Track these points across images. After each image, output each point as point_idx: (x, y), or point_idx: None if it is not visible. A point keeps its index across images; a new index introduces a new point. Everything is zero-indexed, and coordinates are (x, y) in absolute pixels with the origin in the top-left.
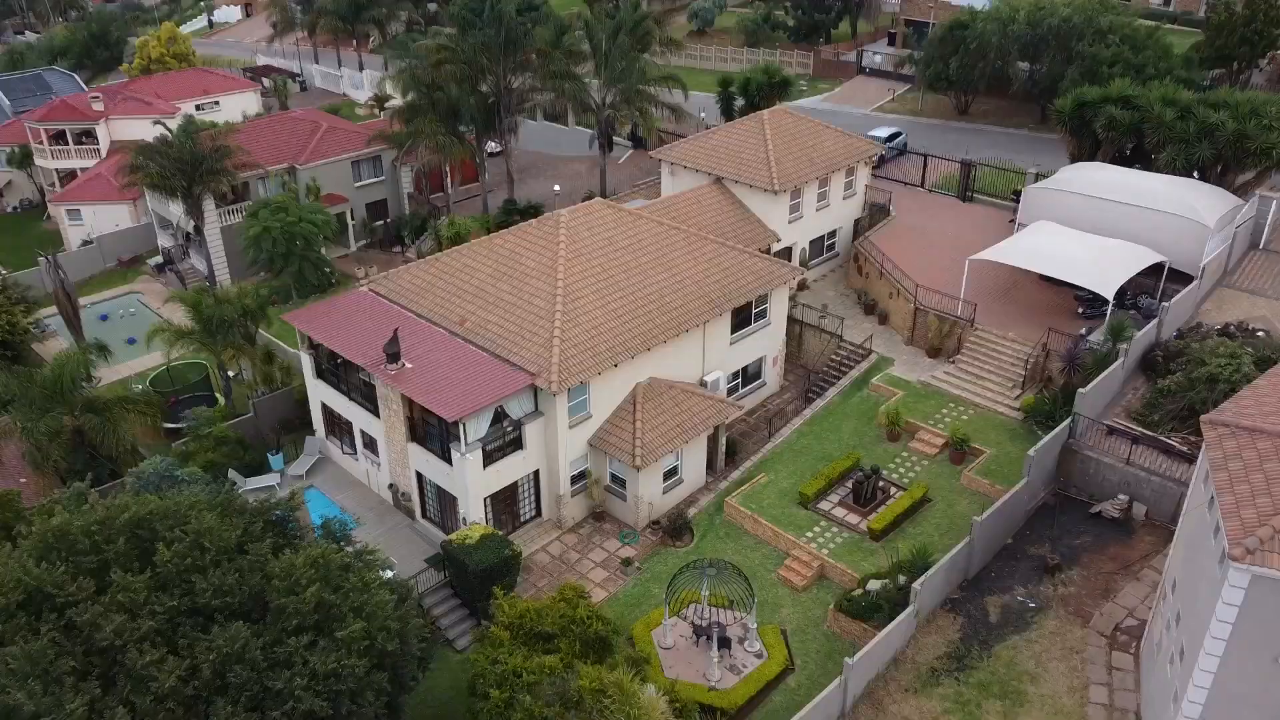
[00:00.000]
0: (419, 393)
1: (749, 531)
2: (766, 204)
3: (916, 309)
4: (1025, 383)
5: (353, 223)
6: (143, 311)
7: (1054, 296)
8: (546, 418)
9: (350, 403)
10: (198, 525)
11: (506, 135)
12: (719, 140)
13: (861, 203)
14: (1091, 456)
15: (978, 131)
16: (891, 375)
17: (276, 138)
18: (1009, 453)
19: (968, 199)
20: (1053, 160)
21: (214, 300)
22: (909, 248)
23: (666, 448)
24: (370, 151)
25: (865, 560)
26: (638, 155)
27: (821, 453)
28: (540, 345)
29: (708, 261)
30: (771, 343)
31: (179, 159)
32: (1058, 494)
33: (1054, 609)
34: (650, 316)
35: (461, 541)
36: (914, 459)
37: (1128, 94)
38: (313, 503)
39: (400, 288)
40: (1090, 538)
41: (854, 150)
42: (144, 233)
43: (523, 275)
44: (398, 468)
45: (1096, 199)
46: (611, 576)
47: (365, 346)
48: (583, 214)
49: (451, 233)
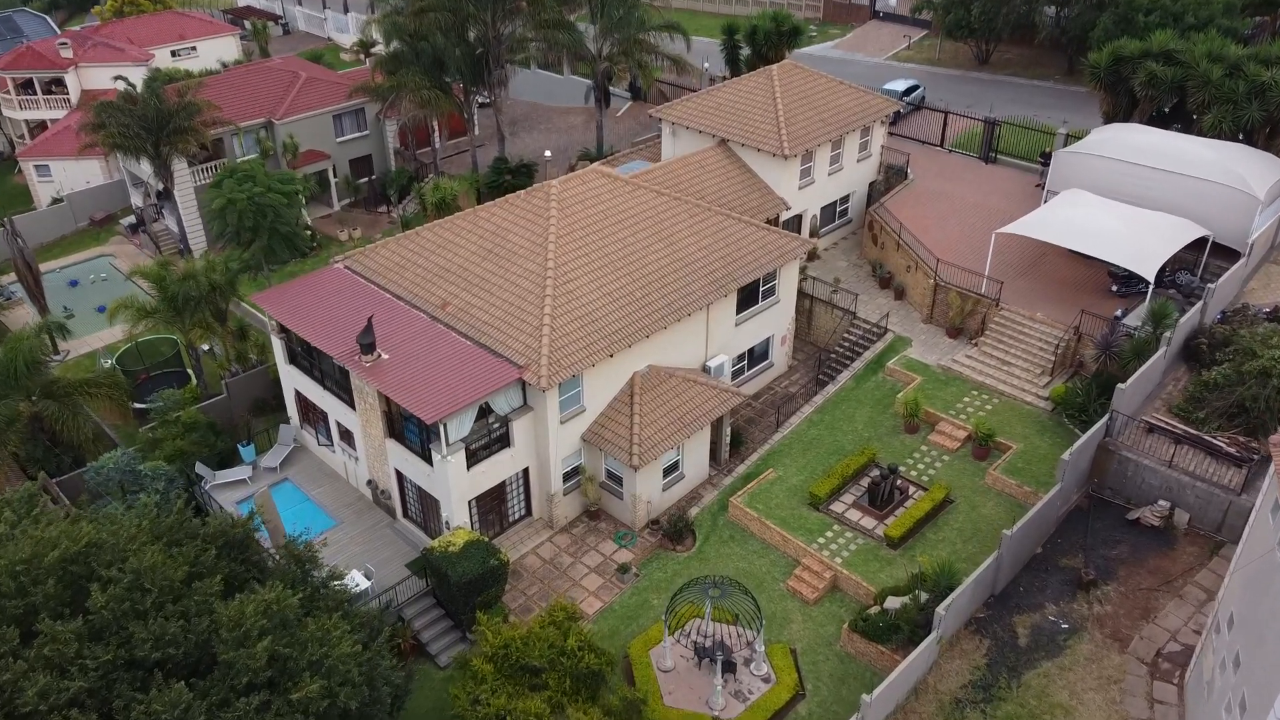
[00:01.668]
0: (395, 389)
1: (755, 535)
2: (775, 169)
3: (937, 285)
4: (1054, 369)
5: (335, 180)
6: (115, 276)
7: (1085, 271)
8: (536, 413)
9: (325, 392)
10: (138, 563)
11: (495, 89)
12: (724, 98)
13: (877, 165)
14: (1130, 458)
15: (999, 83)
16: (909, 358)
17: (252, 90)
18: (1037, 448)
19: (990, 160)
20: (1082, 116)
21: (179, 277)
22: (928, 215)
23: (666, 444)
24: (353, 104)
25: (882, 571)
26: (637, 107)
27: (834, 445)
28: (529, 334)
29: (712, 235)
30: (780, 321)
31: (143, 117)
32: (1091, 496)
33: (1089, 630)
34: (649, 300)
35: (444, 549)
36: (934, 453)
37: (1170, 48)
38: (286, 497)
39: (377, 265)
40: (1127, 548)
41: (870, 108)
42: (117, 189)
43: (510, 253)
44: (376, 464)
45: (1134, 165)
46: (607, 584)
47: (338, 333)
48: (575, 184)
49: (436, 197)
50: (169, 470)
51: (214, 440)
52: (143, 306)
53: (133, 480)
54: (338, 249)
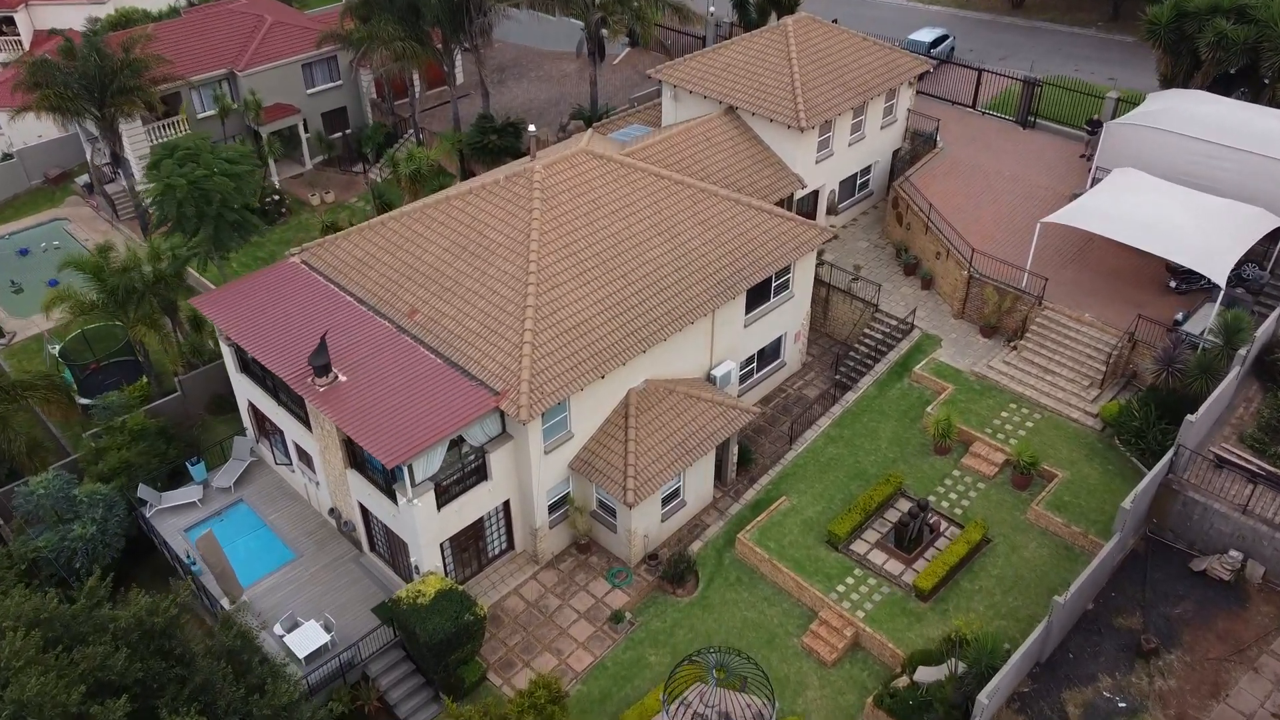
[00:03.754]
0: (353, 422)
1: (766, 577)
2: (790, 141)
3: (971, 277)
4: (1105, 380)
5: (306, 136)
6: (69, 244)
7: (1138, 262)
8: (516, 441)
9: (280, 408)
10: (19, 693)
11: (477, 38)
12: (732, 58)
13: (903, 131)
14: (1197, 500)
15: (1036, 30)
16: (939, 362)
17: (211, 37)
18: (1086, 478)
19: (1029, 124)
20: (1130, 72)
21: (118, 268)
22: (959, 192)
23: (665, 475)
24: (324, 52)
25: (911, 629)
26: (635, 54)
27: (855, 467)
28: (507, 353)
29: (718, 226)
30: (795, 317)
31: (84, 75)
32: (1149, 539)
33: (1150, 711)
34: (646, 307)
35: (412, 601)
36: (968, 479)
37: (1244, 2)
38: (241, 522)
39: (337, 260)
40: (1192, 605)
41: (896, 68)
42: (71, 144)
43: (487, 251)
44: (338, 493)
45: (1199, 141)
46: (598, 634)
47: (291, 345)
48: (562, 169)
49: (411, 168)
50: (108, 494)
51: (165, 449)
52: (80, 300)
53: (67, 507)
54: (309, 214)
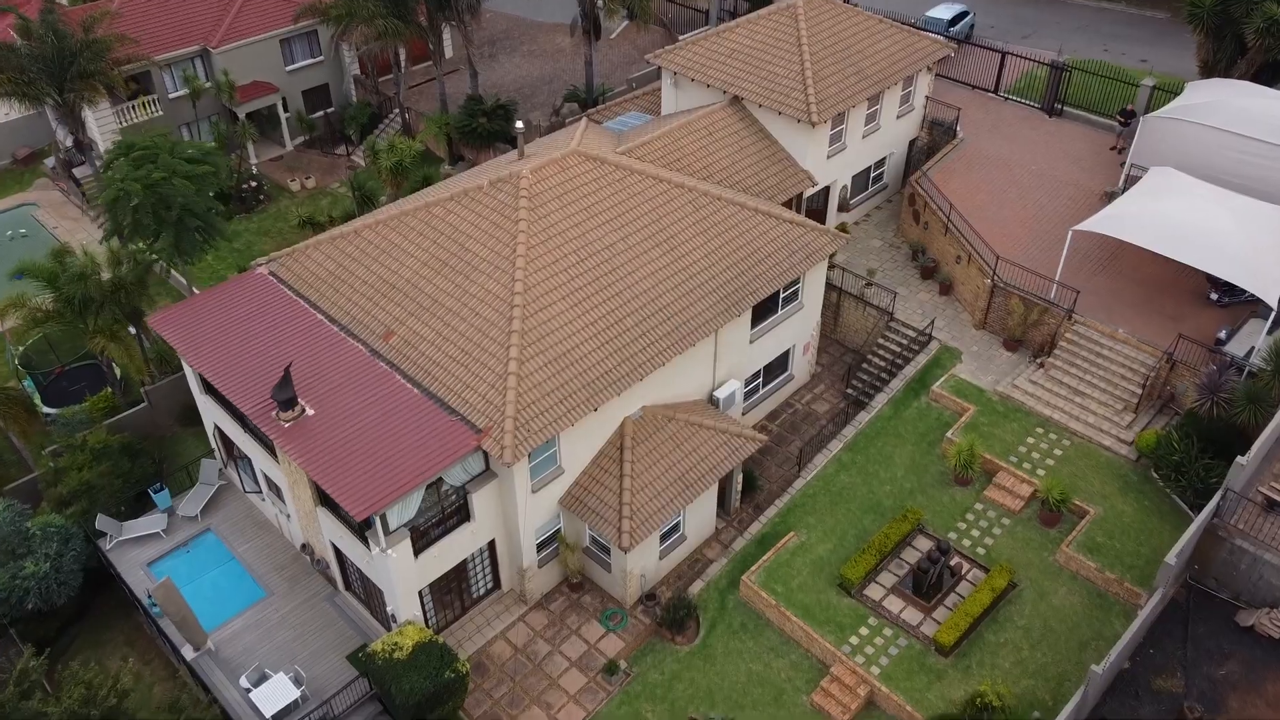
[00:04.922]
0: (319, 465)
1: (773, 624)
2: (800, 135)
3: (995, 286)
4: (1140, 404)
5: (286, 116)
6: (38, 232)
7: (1175, 269)
8: (501, 480)
9: (246, 434)
10: None
11: (464, 14)
12: (737, 43)
13: (920, 119)
14: (1245, 549)
15: (1060, 5)
16: (959, 379)
17: (181, 12)
18: (1121, 515)
19: (1055, 112)
20: (1162, 53)
21: (74, 275)
22: (982, 189)
23: (664, 514)
24: (304, 26)
25: (930, 688)
26: (634, 29)
27: (869, 499)
28: (490, 384)
29: (723, 234)
30: (804, 329)
31: (41, 58)
32: (1190, 586)
33: None
34: (644, 329)
35: (388, 655)
36: (991, 514)
37: None
38: (208, 555)
39: (307, 273)
40: (1239, 665)
41: (915, 53)
42: (40, 121)
43: (469, 267)
44: (309, 529)
45: (1247, 139)
46: (591, 685)
47: (256, 371)
48: (552, 174)
49: (392, 161)
50: (64, 527)
51: (130, 467)
52: (34, 310)
53: (19, 541)
54: (288, 201)
